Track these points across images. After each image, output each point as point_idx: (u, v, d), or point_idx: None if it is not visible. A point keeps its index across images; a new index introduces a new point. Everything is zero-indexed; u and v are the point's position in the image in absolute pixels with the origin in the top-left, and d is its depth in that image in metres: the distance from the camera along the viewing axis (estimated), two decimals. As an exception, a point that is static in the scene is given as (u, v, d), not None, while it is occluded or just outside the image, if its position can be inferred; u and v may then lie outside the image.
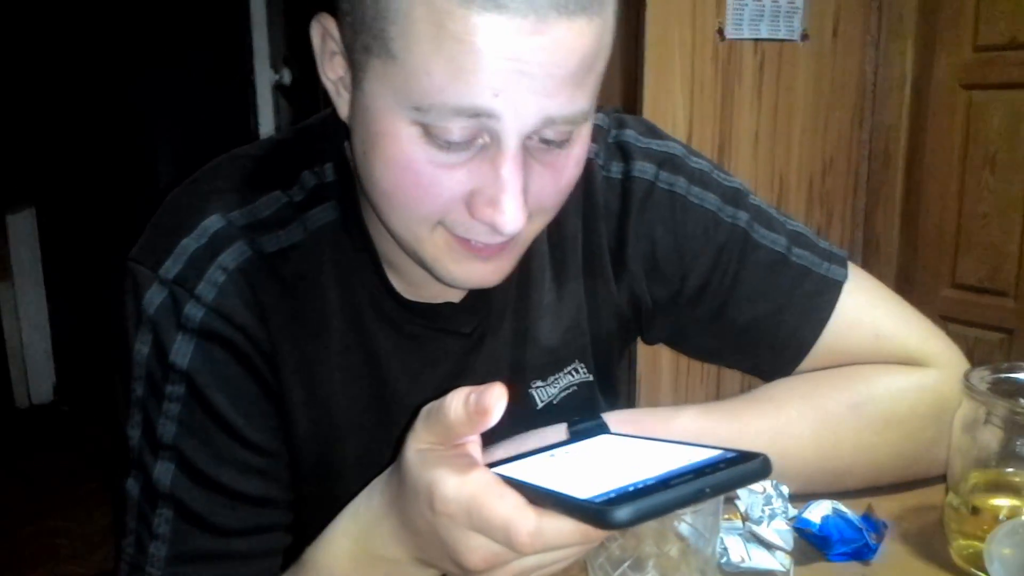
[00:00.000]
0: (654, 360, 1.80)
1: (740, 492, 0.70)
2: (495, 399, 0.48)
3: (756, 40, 1.83)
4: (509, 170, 0.57)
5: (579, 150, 0.61)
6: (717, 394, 1.89)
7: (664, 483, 0.43)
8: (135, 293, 0.66)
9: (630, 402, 0.99)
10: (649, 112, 1.69)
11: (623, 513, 0.41)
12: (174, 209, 0.69)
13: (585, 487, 0.44)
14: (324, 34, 0.63)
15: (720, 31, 1.77)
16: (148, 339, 0.65)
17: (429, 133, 0.56)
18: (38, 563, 2.40)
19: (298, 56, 2.67)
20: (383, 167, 0.59)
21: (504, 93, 0.54)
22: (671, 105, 1.73)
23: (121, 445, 0.68)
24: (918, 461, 0.77)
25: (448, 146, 0.57)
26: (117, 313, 0.69)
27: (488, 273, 0.65)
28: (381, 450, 0.72)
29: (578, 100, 0.57)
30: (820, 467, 0.75)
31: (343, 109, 0.64)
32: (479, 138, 0.57)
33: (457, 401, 0.49)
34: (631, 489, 0.43)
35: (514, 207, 0.57)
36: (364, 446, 0.74)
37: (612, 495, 0.43)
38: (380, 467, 0.61)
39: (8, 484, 2.81)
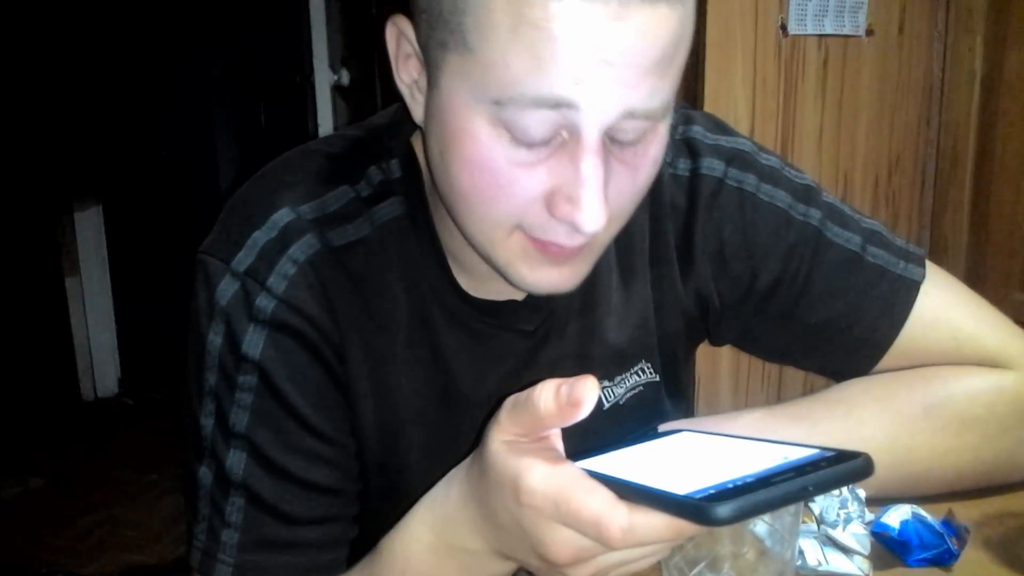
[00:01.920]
0: (713, 363, 1.78)
1: (814, 494, 0.69)
2: (588, 392, 0.47)
3: (820, 36, 1.80)
4: (590, 164, 0.55)
5: (656, 150, 0.60)
6: (778, 397, 1.86)
7: (764, 480, 0.42)
8: (207, 284, 0.67)
9: (690, 403, 0.97)
10: (710, 109, 1.67)
11: (725, 510, 0.40)
12: (245, 202, 0.70)
13: (678, 483, 0.43)
14: (399, 35, 0.62)
15: (783, 27, 1.74)
16: (221, 330, 0.66)
17: (508, 130, 0.55)
18: (102, 552, 2.46)
19: (356, 57, 2.69)
20: (460, 167, 0.58)
21: (585, 82, 0.52)
22: (732, 102, 1.70)
23: (194, 434, 0.69)
24: (999, 466, 0.75)
25: (527, 143, 0.55)
26: (189, 304, 0.70)
27: (563, 279, 0.63)
28: (444, 444, 0.72)
29: (659, 92, 0.55)
30: (895, 471, 0.73)
31: (417, 112, 0.64)
32: (559, 134, 0.55)
33: (547, 392, 0.48)
34: (730, 486, 0.42)
35: (595, 203, 0.55)
36: (427, 440, 0.74)
37: (710, 491, 0.41)
38: (443, 461, 0.61)
39: (73, 475, 2.89)
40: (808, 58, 1.79)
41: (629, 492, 0.45)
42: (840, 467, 0.43)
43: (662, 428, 0.68)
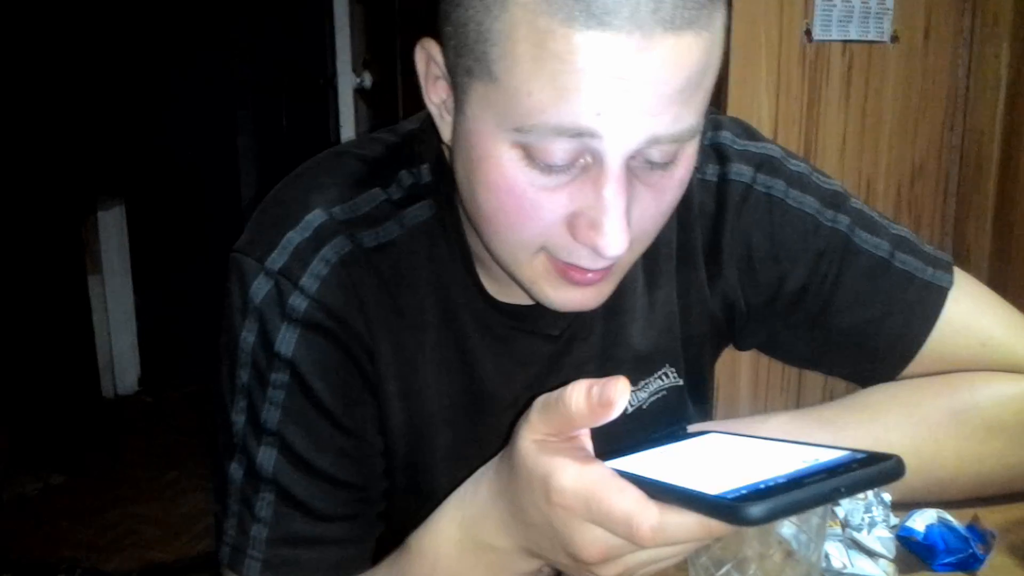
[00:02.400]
0: (733, 368, 1.77)
1: (840, 498, 0.69)
2: (619, 392, 0.47)
3: (845, 42, 1.79)
4: (612, 191, 0.55)
5: (683, 171, 0.59)
6: (798, 402, 1.85)
7: (796, 481, 0.42)
8: (241, 283, 0.68)
9: (710, 408, 0.97)
10: (734, 114, 1.66)
11: (758, 510, 0.40)
12: (279, 202, 0.71)
13: (709, 484, 0.43)
14: (428, 59, 0.63)
15: (808, 32, 1.74)
16: (254, 328, 0.67)
17: (530, 156, 0.55)
18: (123, 548, 2.49)
19: (379, 60, 2.70)
20: (485, 191, 0.59)
21: (607, 113, 0.52)
22: (756, 107, 1.70)
23: (224, 430, 0.70)
24: (1026, 473, 0.74)
25: (550, 169, 0.56)
26: (223, 302, 0.71)
27: (586, 298, 0.64)
28: (470, 445, 0.73)
29: (685, 118, 0.55)
30: (921, 477, 0.73)
31: (446, 132, 0.64)
32: (581, 158, 0.55)
33: (579, 392, 0.49)
34: (762, 486, 0.42)
35: (617, 229, 0.55)
36: (454, 441, 0.75)
37: (744, 492, 0.42)
38: (468, 462, 0.62)
39: (94, 471, 2.92)
40: (832, 64, 1.79)
41: (659, 492, 0.46)
42: (871, 469, 0.43)
43: (691, 429, 0.68)
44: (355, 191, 0.70)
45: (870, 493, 0.69)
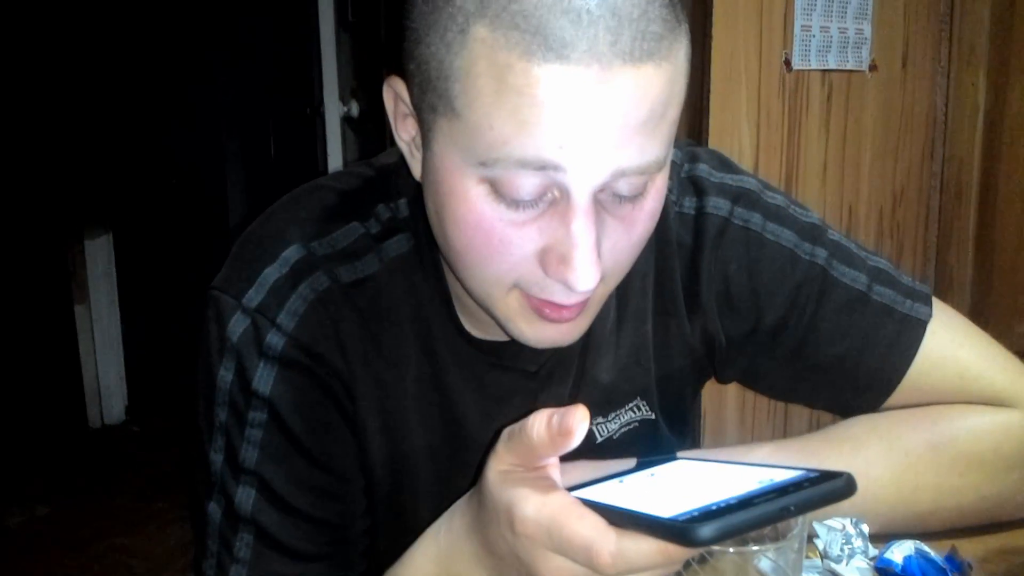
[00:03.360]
0: (720, 396, 1.78)
1: (819, 529, 0.69)
2: (578, 421, 0.48)
3: (823, 71, 1.82)
4: (580, 225, 0.55)
5: (653, 203, 0.60)
6: (784, 431, 1.85)
7: (747, 501, 0.43)
8: (219, 321, 0.68)
9: (695, 438, 0.98)
10: (715, 143, 1.69)
11: (707, 530, 0.41)
12: (256, 238, 0.71)
13: (666, 507, 0.44)
14: (395, 97, 0.64)
15: (787, 62, 1.76)
16: (232, 366, 0.67)
17: (498, 191, 0.56)
18: (108, 581, 2.46)
19: (366, 89, 2.72)
20: (454, 227, 0.59)
21: (569, 146, 0.53)
22: (738, 136, 1.72)
23: (203, 469, 0.70)
24: (1003, 504, 0.75)
25: (517, 204, 0.56)
26: (200, 340, 0.71)
27: (561, 334, 0.64)
28: (452, 481, 0.73)
29: (649, 150, 0.55)
30: (901, 509, 0.73)
31: (416, 168, 0.65)
32: (548, 193, 0.56)
33: (540, 422, 0.49)
34: (714, 508, 0.43)
35: (587, 263, 0.56)
36: (436, 477, 0.75)
37: (695, 513, 0.43)
38: (450, 497, 0.62)
39: (79, 502, 2.88)
40: (812, 93, 1.81)
41: (619, 518, 0.46)
42: (822, 487, 0.44)
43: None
44: (333, 225, 0.70)
45: (848, 524, 0.69)
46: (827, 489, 0.44)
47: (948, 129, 2.08)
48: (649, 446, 0.81)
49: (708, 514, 0.42)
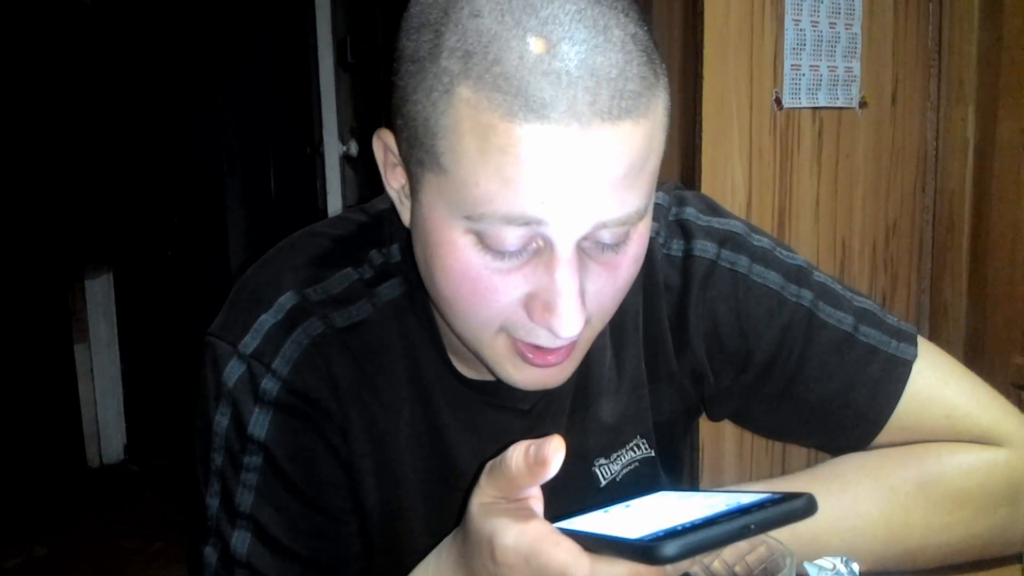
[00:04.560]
0: (717, 431, 1.78)
1: (809, 569, 0.69)
2: (553, 451, 0.50)
3: (814, 108, 1.85)
4: (563, 274, 0.57)
5: (636, 249, 0.62)
6: (783, 466, 1.85)
7: (711, 521, 0.46)
8: (215, 367, 0.69)
9: (693, 474, 0.98)
10: (708, 182, 1.71)
11: (671, 548, 0.44)
12: (252, 285, 0.73)
13: (636, 530, 0.47)
14: (384, 148, 0.66)
15: (777, 100, 1.79)
16: (228, 411, 0.68)
17: (483, 242, 0.58)
18: (106, 622, 2.44)
19: (365, 128, 2.76)
20: (442, 275, 0.61)
21: (551, 201, 0.55)
22: (729, 174, 1.74)
23: (199, 513, 0.70)
24: (991, 541, 0.75)
25: (502, 254, 0.58)
26: (197, 385, 0.72)
27: (548, 377, 0.65)
28: (445, 522, 0.73)
29: (630, 202, 0.57)
30: (891, 546, 0.74)
31: (405, 216, 0.67)
32: (533, 243, 0.58)
33: (517, 454, 0.52)
34: (679, 528, 0.46)
35: (571, 310, 0.57)
36: (428, 517, 0.75)
37: (660, 534, 0.46)
38: (444, 537, 0.63)
39: (77, 543, 2.87)
40: (803, 130, 1.83)
41: (592, 543, 0.49)
42: (782, 507, 0.47)
43: None
44: (327, 271, 0.72)
45: (838, 562, 0.69)
46: (788, 509, 0.47)
47: (939, 163, 2.11)
48: (650, 488, 0.82)
49: (673, 534, 0.45)
